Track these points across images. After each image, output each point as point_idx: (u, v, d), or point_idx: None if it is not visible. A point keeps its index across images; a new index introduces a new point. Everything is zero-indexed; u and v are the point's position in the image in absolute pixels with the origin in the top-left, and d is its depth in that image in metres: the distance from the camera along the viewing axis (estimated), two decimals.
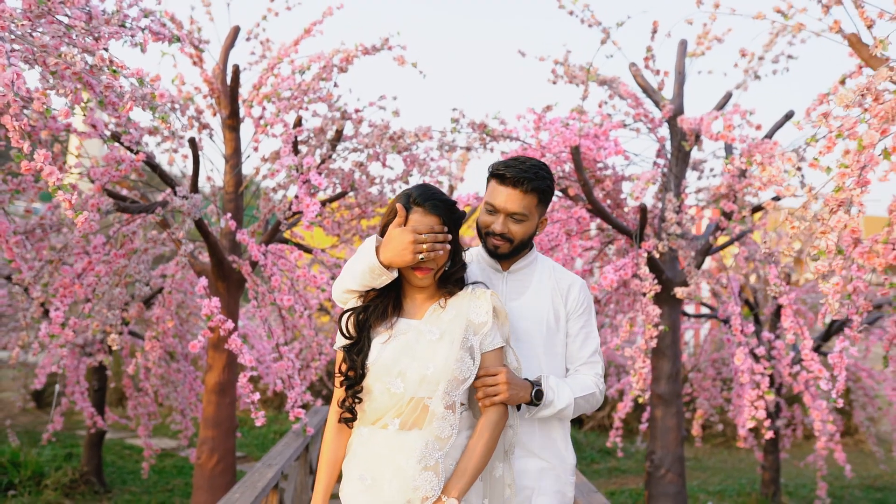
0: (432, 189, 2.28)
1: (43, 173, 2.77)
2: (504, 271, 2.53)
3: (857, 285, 3.39)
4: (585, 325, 2.52)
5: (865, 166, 2.99)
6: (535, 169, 2.41)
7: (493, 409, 2.26)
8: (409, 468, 2.13)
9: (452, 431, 2.19)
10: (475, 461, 2.19)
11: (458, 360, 2.19)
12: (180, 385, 6.91)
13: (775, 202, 5.09)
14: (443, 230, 2.24)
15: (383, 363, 2.20)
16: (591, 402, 2.48)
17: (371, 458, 2.20)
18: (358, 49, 5.08)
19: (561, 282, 2.54)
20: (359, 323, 2.27)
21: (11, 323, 7.07)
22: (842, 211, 3.02)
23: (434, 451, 2.15)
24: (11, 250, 4.01)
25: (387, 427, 2.20)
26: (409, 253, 2.18)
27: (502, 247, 2.45)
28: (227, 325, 4.11)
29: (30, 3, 2.97)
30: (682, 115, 5.12)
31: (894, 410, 8.81)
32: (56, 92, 2.96)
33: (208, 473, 5.15)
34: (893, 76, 2.87)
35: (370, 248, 2.25)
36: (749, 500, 7.44)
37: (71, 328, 4.11)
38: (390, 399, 2.19)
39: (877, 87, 3.10)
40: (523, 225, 2.44)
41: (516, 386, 2.28)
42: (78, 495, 7.10)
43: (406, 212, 2.24)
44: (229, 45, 5.49)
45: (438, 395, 2.16)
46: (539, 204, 2.45)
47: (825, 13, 3.62)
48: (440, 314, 2.27)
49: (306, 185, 4.31)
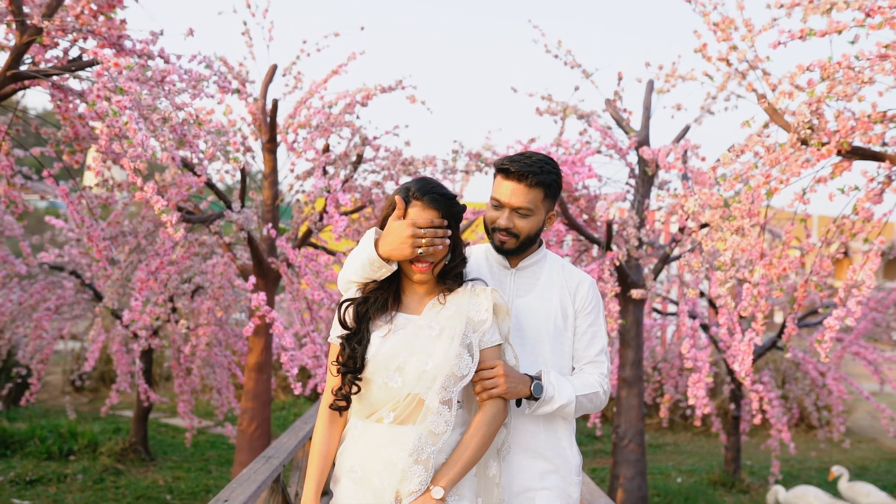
0: (432, 182, 2.25)
1: (151, 201, 3.83)
2: (512, 268, 2.49)
3: (759, 290, 4.44)
4: (593, 323, 2.49)
5: (754, 201, 4.03)
6: (540, 163, 2.37)
7: (490, 405, 2.24)
8: (399, 461, 2.14)
9: (447, 427, 2.17)
10: (468, 455, 2.17)
11: (457, 356, 2.18)
12: (218, 367, 7.99)
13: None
14: (442, 224, 2.21)
15: (382, 357, 2.19)
16: (594, 402, 2.44)
17: (363, 452, 2.20)
18: (377, 88, 6.14)
19: (570, 279, 2.50)
20: (358, 314, 2.25)
21: (73, 311, 8.16)
22: (737, 235, 4.06)
23: (427, 445, 2.15)
24: (100, 252, 5.09)
25: (381, 421, 2.21)
26: (408, 247, 2.17)
27: (508, 242, 2.41)
28: (272, 315, 5.17)
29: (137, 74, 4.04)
30: (644, 146, 6.15)
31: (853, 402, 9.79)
32: (156, 139, 4.03)
33: (248, 437, 6.23)
34: (763, 141, 3.89)
35: (369, 241, 2.25)
36: (713, 476, 8.47)
37: (147, 314, 5.19)
38: (387, 394, 2.19)
39: (765, 142, 4.15)
40: (529, 220, 2.39)
41: (514, 379, 2.26)
42: (128, 461, 8.20)
43: (405, 205, 2.21)
44: (268, 81, 6.56)
45: (435, 390, 2.16)
46: (546, 198, 2.40)
47: (742, 79, 4.65)
48: (440, 310, 2.26)
49: (335, 203, 5.37)
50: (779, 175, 4.19)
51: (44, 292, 7.66)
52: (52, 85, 4.43)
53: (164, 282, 5.38)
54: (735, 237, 4.02)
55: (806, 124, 3.71)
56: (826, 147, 3.96)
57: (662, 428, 11.75)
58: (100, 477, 7.54)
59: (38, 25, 3.99)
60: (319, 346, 5.73)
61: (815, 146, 3.85)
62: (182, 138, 4.29)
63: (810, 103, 3.70)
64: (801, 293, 4.54)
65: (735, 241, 4.00)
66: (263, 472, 3.47)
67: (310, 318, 6.68)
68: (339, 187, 5.50)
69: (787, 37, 3.99)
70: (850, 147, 4.05)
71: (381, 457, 2.16)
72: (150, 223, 5.91)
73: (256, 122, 6.45)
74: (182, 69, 4.47)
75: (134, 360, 7.57)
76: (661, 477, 8.78)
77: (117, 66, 3.68)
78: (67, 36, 4.40)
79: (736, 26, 4.58)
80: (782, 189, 4.01)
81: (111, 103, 3.65)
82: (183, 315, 7.76)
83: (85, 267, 7.63)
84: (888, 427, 7.81)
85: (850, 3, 4.01)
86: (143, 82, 4.06)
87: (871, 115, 3.95)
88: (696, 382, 5.58)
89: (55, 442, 8.34)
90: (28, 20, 4.01)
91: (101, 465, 7.92)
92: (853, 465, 9.74)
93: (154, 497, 7.04)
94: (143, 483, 7.45)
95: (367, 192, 6.25)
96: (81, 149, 4.83)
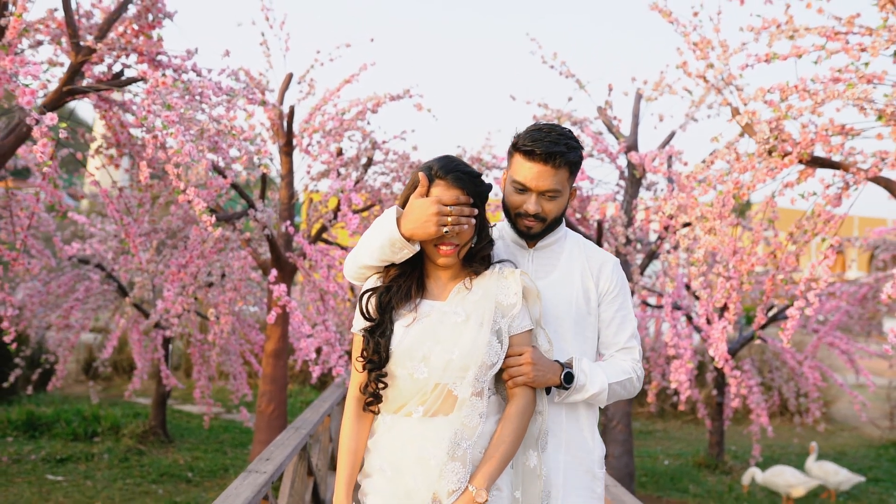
0: (455, 161, 2.15)
1: (192, 203, 4.34)
2: (530, 248, 2.35)
3: (732, 283, 4.97)
4: (620, 308, 2.35)
5: (724, 205, 4.56)
6: (564, 139, 2.22)
7: (520, 394, 2.14)
8: (433, 458, 2.04)
9: (480, 420, 2.09)
10: (503, 449, 2.08)
11: (487, 344, 2.08)
12: (233, 354, 8.53)
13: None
14: (468, 202, 2.10)
15: (406, 347, 2.09)
16: (627, 389, 2.32)
17: (393, 448, 2.10)
18: (386, 96, 6.66)
19: (592, 259, 2.36)
20: (381, 304, 2.15)
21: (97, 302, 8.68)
22: (709, 235, 4.59)
23: (462, 440, 2.06)
24: (136, 247, 5.61)
25: (411, 415, 2.10)
26: (433, 224, 2.05)
27: (535, 227, 2.27)
28: (292, 304, 5.70)
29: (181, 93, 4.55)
30: (632, 151, 6.68)
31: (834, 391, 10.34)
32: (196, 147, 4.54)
33: (267, 417, 6.76)
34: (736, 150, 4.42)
35: (390, 220, 2.12)
36: (698, 458, 9.03)
37: (179, 303, 5.71)
38: (413, 385, 2.09)
39: (737, 150, 4.67)
40: (557, 201, 2.26)
41: (544, 367, 2.15)
42: (148, 443, 8.74)
43: (429, 182, 2.11)
44: (285, 89, 7.07)
45: (467, 381, 2.07)
46: (570, 176, 2.26)
47: (718, 93, 5.17)
48: (465, 295, 2.15)
49: (348, 203, 5.88)
50: (748, 181, 4.72)
51: (71, 283, 8.18)
52: (98, 97, 4.94)
53: (194, 274, 5.90)
54: (707, 237, 4.55)
55: (765, 140, 4.23)
56: (788, 157, 4.48)
57: (652, 416, 12.31)
58: (124, 456, 8.08)
59: (91, 46, 4.50)
60: (332, 333, 6.25)
61: (777, 157, 4.37)
62: (214, 145, 4.81)
63: (770, 121, 4.22)
64: (769, 287, 5.07)
65: (707, 240, 4.53)
66: (294, 440, 4.00)
67: (323, 307, 7.21)
68: (352, 188, 6.03)
69: (755, 60, 4.51)
70: (810, 157, 4.58)
71: (413, 454, 2.06)
72: (178, 220, 6.43)
73: (274, 126, 6.95)
74: (214, 82, 4.98)
75: (156, 348, 8.09)
76: (650, 459, 9.33)
77: (164, 84, 4.19)
78: (112, 53, 4.91)
79: (713, 46, 5.10)
80: (749, 194, 4.54)
81: (159, 116, 4.16)
82: (203, 305, 8.28)
83: (109, 260, 8.14)
84: (860, 412, 8.36)
85: (811, 29, 4.54)
86: (182, 97, 4.58)
87: (829, 129, 4.48)
88: (678, 368, 6.11)
89: (80, 424, 8.88)
90: (83, 42, 4.52)
91: (123, 445, 8.46)
92: (833, 450, 10.31)
93: (176, 474, 7.57)
94: (165, 462, 7.99)
95: (376, 192, 6.77)
96: (121, 153, 5.34)
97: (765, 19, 4.70)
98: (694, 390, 8.55)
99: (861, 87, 3.96)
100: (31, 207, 4.78)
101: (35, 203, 4.80)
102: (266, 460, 3.44)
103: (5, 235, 5.20)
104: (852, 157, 4.67)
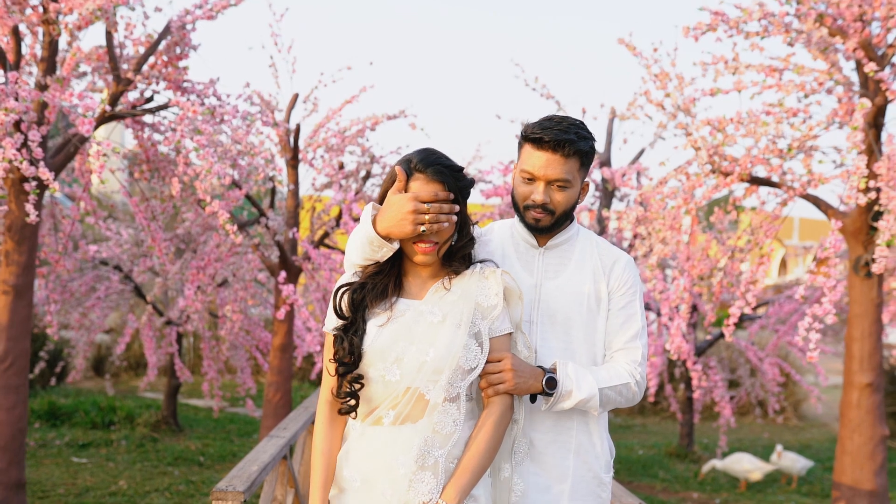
0: (436, 153, 2.04)
1: (216, 215, 5.05)
2: (540, 247, 2.26)
3: (684, 285, 5.71)
4: (627, 305, 2.24)
5: (675, 217, 5.30)
6: (574, 128, 2.15)
7: (498, 402, 2.04)
8: (403, 467, 1.95)
9: (455, 427, 1.99)
10: (477, 459, 1.97)
11: (463, 346, 1.98)
12: (241, 349, 9.24)
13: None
14: (448, 198, 2.00)
15: (379, 347, 1.99)
16: (624, 395, 2.19)
17: (362, 457, 2.01)
18: (383, 116, 7.39)
19: (605, 258, 2.27)
20: (353, 302, 2.05)
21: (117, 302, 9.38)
22: (661, 244, 5.33)
23: (433, 448, 1.96)
24: (161, 251, 6.32)
25: (381, 421, 2.01)
26: (409, 223, 1.96)
27: (544, 219, 2.19)
28: (299, 303, 6.41)
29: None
30: (605, 167, 7.42)
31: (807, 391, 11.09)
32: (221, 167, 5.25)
33: (274, 405, 7.47)
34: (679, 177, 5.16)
35: (367, 218, 2.07)
36: (669, 449, 9.77)
37: (198, 301, 6.42)
38: (385, 388, 2.00)
39: (686, 170, 5.42)
40: (566, 193, 2.17)
41: (524, 374, 2.06)
42: (161, 431, 9.44)
43: (406, 177, 2.01)
44: (291, 107, 7.79)
45: (440, 386, 1.96)
46: (581, 167, 2.19)
47: (673, 119, 5.90)
48: (443, 295, 2.05)
49: (349, 212, 6.60)
50: (698, 197, 5.46)
51: (91, 283, 8.87)
52: (133, 120, 5.66)
53: (212, 275, 6.62)
54: (660, 245, 5.29)
55: (704, 163, 4.97)
56: (730, 177, 5.22)
57: (633, 411, 13.04)
58: (140, 443, 8.78)
59: (129, 78, 5.21)
60: None
61: (717, 177, 5.11)
62: (234, 163, 5.54)
63: (709, 148, 4.95)
64: (717, 289, 5.82)
65: (660, 249, 5.27)
66: (304, 416, 4.74)
67: (325, 306, 7.95)
68: (353, 199, 6.75)
69: (701, 94, 5.26)
70: (750, 177, 5.32)
71: (383, 462, 1.97)
72: (197, 227, 7.13)
73: (282, 142, 7.67)
74: (233, 106, 5.70)
75: (171, 343, 8.80)
76: (626, 450, 10.06)
77: (195, 112, 4.91)
78: (144, 81, 5.63)
79: (670, 78, 5.85)
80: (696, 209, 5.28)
81: (190, 138, 4.89)
82: (214, 304, 9.01)
83: (126, 262, 8.84)
84: (816, 405, 9.10)
85: (752, 66, 5.29)
86: (207, 121, 5.30)
87: (765, 153, 5.22)
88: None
89: (98, 414, 9.59)
90: (122, 74, 5.23)
91: (139, 433, 9.16)
92: (799, 443, 11.06)
93: (189, 459, 8.28)
94: (178, 448, 8.69)
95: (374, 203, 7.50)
96: (150, 168, 6.06)
97: (714, 56, 5.45)
98: (668, 386, 9.29)
99: (773, 125, 4.70)
100: (72, 216, 5.48)
101: (76, 213, 5.50)
102: (284, 429, 4.17)
103: (49, 240, 5.90)
104: (791, 175, 5.42)
